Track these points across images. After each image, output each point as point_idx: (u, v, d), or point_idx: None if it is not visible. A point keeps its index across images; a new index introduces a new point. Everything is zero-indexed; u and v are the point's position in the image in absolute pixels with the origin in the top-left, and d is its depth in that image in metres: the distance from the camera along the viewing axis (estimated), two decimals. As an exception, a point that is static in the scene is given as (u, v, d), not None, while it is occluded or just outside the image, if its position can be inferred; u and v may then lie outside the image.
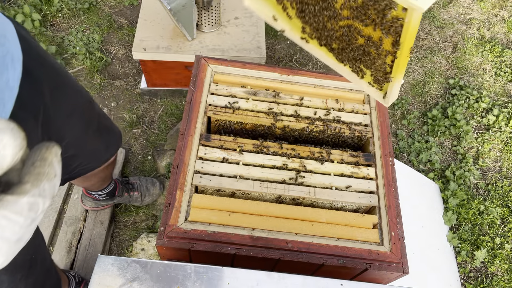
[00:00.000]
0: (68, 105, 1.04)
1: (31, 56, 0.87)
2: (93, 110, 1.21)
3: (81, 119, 1.13)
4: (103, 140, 1.30)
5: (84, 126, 1.16)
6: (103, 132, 1.29)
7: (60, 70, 1.03)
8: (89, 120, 1.18)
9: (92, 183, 1.61)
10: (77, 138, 1.13)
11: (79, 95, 1.11)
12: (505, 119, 2.53)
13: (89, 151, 1.26)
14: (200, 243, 1.08)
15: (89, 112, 1.18)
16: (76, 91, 1.09)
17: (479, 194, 2.28)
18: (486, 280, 2.02)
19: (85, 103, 1.15)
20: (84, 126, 1.16)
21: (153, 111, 2.37)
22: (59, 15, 2.68)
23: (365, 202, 1.22)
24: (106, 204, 1.89)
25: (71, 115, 1.06)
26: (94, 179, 1.56)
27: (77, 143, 1.15)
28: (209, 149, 1.25)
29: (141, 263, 0.99)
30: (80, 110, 1.12)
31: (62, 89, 1.01)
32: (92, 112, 1.21)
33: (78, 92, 1.11)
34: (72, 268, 1.81)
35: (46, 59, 0.96)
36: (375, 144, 1.35)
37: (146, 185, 1.97)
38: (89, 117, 1.18)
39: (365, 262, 1.11)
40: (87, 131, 1.18)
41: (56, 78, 0.99)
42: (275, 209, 1.17)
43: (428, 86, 2.67)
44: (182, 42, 2.08)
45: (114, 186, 1.81)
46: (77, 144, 1.15)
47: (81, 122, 1.13)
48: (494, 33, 3.01)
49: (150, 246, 1.88)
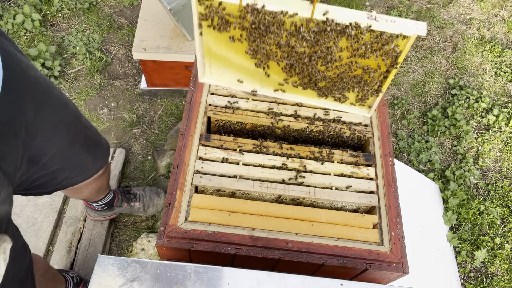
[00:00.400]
0: (52, 119, 1.02)
1: (14, 72, 0.86)
2: (79, 124, 1.20)
3: (66, 133, 1.11)
4: (90, 153, 1.29)
5: (69, 140, 1.14)
6: (90, 145, 1.28)
7: (45, 84, 1.01)
8: (74, 134, 1.16)
9: (85, 195, 1.60)
10: (62, 152, 1.12)
11: (64, 109, 1.09)
12: (505, 119, 2.53)
13: (76, 165, 1.25)
14: (200, 243, 1.08)
15: (75, 126, 1.16)
16: (61, 105, 1.07)
17: (479, 194, 2.28)
18: (486, 280, 2.02)
19: (71, 117, 1.14)
20: (69, 140, 1.14)
21: (153, 111, 2.37)
22: (59, 15, 2.68)
23: (365, 202, 1.22)
24: (108, 215, 1.88)
25: (55, 129, 1.05)
26: (85, 191, 1.54)
27: (62, 157, 1.13)
28: (209, 149, 1.25)
29: (141, 263, 0.99)
30: (66, 124, 1.10)
31: (47, 104, 0.99)
32: (78, 125, 1.19)
33: (64, 106, 1.09)
34: (72, 268, 1.81)
35: (29, 74, 0.93)
36: (375, 144, 1.35)
37: (150, 195, 1.94)
38: (75, 131, 1.17)
39: (365, 262, 1.11)
40: (73, 145, 1.17)
41: (41, 93, 0.97)
42: (275, 209, 1.17)
43: (428, 86, 2.68)
44: (182, 42, 2.08)
45: (113, 196, 1.80)
46: (62, 158, 1.14)
47: (66, 136, 1.11)
48: (494, 33, 3.01)
49: (150, 246, 1.88)
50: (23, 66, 0.91)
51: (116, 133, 2.27)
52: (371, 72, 0.98)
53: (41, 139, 0.99)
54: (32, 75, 0.95)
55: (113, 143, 2.24)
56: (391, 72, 0.97)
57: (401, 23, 0.88)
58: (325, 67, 0.99)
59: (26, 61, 0.97)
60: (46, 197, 1.95)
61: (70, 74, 2.45)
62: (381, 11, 3.01)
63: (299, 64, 1.01)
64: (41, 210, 1.92)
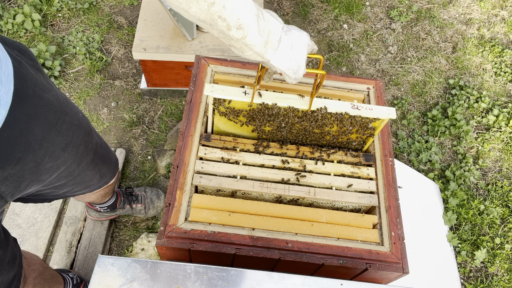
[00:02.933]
0: (62, 141, 1.00)
1: (25, 96, 0.84)
2: (90, 142, 1.17)
3: (75, 152, 1.09)
4: (97, 170, 1.27)
5: (78, 159, 1.12)
6: (97, 162, 1.25)
7: (58, 106, 0.98)
8: (84, 152, 1.14)
9: (90, 200, 1.61)
10: (69, 169, 1.10)
11: (75, 130, 1.06)
12: (505, 119, 2.53)
13: (81, 181, 1.23)
14: (200, 243, 1.08)
15: (85, 145, 1.14)
16: (73, 126, 1.04)
17: (479, 194, 2.28)
18: (486, 280, 2.02)
19: (82, 136, 1.11)
20: (78, 159, 1.12)
21: (153, 111, 2.37)
22: (59, 15, 2.68)
23: (365, 202, 1.22)
24: (109, 215, 1.89)
25: (64, 150, 1.02)
26: (92, 197, 1.55)
27: (68, 174, 1.12)
28: (209, 149, 1.25)
29: (141, 263, 0.99)
30: (76, 144, 1.07)
31: (58, 127, 0.97)
32: (89, 144, 1.16)
33: (75, 127, 1.06)
34: (72, 268, 1.81)
35: (42, 97, 0.91)
36: (375, 144, 1.35)
37: (151, 197, 1.95)
38: (85, 149, 1.14)
39: (365, 262, 1.11)
40: (81, 164, 1.15)
41: (51, 116, 0.94)
42: (275, 209, 1.17)
43: (428, 86, 2.67)
44: (182, 42, 2.08)
45: (116, 199, 1.81)
46: (68, 175, 1.12)
47: (75, 155, 1.09)
48: (494, 33, 3.01)
49: (150, 246, 1.88)
50: (37, 89, 0.89)
51: (116, 133, 2.27)
52: (352, 141, 1.33)
53: (48, 159, 0.96)
54: (46, 97, 0.92)
55: (113, 143, 2.24)
56: (369, 140, 1.32)
57: (377, 110, 1.21)
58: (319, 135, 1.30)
59: (44, 82, 0.94)
60: (46, 197, 1.95)
61: (70, 74, 2.45)
62: (381, 11, 3.01)
63: (294, 134, 1.31)
64: (41, 210, 1.92)
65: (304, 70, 0.96)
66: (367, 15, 2.98)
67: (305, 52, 0.93)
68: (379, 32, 2.90)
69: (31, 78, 0.88)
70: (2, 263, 1.04)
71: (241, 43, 0.82)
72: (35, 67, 0.96)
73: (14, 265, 1.11)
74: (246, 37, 0.81)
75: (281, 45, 0.87)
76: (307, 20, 2.91)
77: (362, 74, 2.69)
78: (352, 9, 2.96)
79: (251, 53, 0.86)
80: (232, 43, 0.83)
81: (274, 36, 0.86)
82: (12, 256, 1.09)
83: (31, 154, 0.89)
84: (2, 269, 1.04)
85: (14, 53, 0.88)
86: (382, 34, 2.90)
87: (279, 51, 0.88)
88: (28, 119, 0.86)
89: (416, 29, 2.94)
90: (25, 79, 0.85)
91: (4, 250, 1.05)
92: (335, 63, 2.71)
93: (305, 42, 0.92)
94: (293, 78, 0.96)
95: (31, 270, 1.28)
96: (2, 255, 1.04)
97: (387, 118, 1.19)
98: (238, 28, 0.80)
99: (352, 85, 1.46)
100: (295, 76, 0.95)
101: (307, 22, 2.90)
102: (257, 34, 0.82)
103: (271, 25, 0.85)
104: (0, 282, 1.05)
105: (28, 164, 0.89)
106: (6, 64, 0.80)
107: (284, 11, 2.94)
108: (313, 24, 2.89)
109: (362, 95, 1.47)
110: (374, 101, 1.44)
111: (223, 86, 1.16)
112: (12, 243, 1.12)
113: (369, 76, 2.69)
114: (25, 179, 0.91)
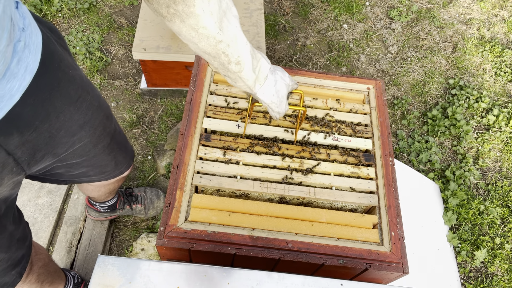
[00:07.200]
0: (80, 118, 1.04)
1: (49, 68, 0.90)
2: (108, 127, 1.20)
3: (93, 133, 1.12)
4: (112, 156, 1.28)
5: (94, 140, 1.14)
6: (114, 148, 1.27)
7: (81, 84, 1.03)
8: (101, 134, 1.16)
9: (100, 194, 1.61)
10: (85, 149, 1.13)
11: (95, 111, 1.10)
12: (505, 119, 2.53)
13: (96, 164, 1.24)
14: (200, 243, 1.08)
15: (103, 128, 1.16)
16: (93, 106, 1.08)
17: (479, 194, 2.28)
18: (486, 280, 2.02)
19: (101, 118, 1.14)
20: (94, 140, 1.14)
21: (153, 111, 2.37)
22: (59, 15, 2.68)
23: (365, 202, 1.22)
24: (109, 216, 1.89)
25: (81, 128, 1.06)
26: (98, 191, 1.55)
27: (84, 153, 1.14)
28: (209, 149, 1.25)
29: (141, 263, 0.99)
30: (94, 124, 1.11)
31: (78, 104, 1.01)
32: (107, 128, 1.19)
33: (96, 108, 1.10)
34: (72, 268, 1.81)
35: (66, 73, 0.96)
36: (375, 144, 1.35)
37: (151, 198, 1.95)
38: (102, 132, 1.17)
39: (365, 262, 1.11)
40: (97, 145, 1.17)
41: (74, 92, 0.99)
42: (275, 209, 1.17)
43: (428, 86, 2.68)
44: (182, 42, 2.08)
45: (116, 199, 1.81)
46: (83, 154, 1.14)
47: (91, 135, 1.12)
48: (494, 33, 3.01)
49: (150, 246, 1.88)
50: (62, 64, 0.95)
51: (116, 133, 2.27)
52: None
53: (64, 133, 1.01)
54: (70, 74, 0.99)
55: (113, 143, 2.24)
56: None
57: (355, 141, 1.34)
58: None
59: (69, 60, 1.01)
60: (46, 197, 1.95)
61: (70, 74, 2.45)
62: (381, 11, 3.01)
63: None
64: (41, 210, 1.92)
65: (286, 107, 1.13)
66: (367, 15, 2.98)
67: (286, 89, 1.10)
68: (379, 32, 2.90)
69: (57, 54, 0.94)
70: (12, 239, 1.05)
71: (237, 75, 0.98)
72: (63, 46, 1.02)
73: (24, 245, 1.12)
74: (242, 71, 0.97)
75: (266, 81, 1.04)
76: (307, 20, 2.91)
77: (362, 74, 2.69)
78: (352, 9, 2.96)
79: (242, 84, 1.01)
80: (229, 74, 0.98)
81: (262, 73, 1.02)
82: (23, 235, 1.11)
83: (47, 124, 0.93)
84: (11, 245, 1.05)
85: (45, 30, 0.93)
86: (382, 34, 2.90)
87: (265, 86, 1.04)
88: (51, 90, 0.91)
89: (416, 29, 2.94)
90: (52, 53, 0.91)
91: (16, 226, 1.07)
92: (335, 63, 2.71)
93: (286, 82, 1.10)
94: (276, 112, 1.12)
95: (37, 258, 1.30)
96: (14, 231, 1.06)
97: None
98: (237, 64, 0.94)
99: (352, 85, 1.46)
100: (278, 110, 1.11)
101: (307, 22, 2.90)
102: (251, 70, 0.98)
103: (261, 64, 1.01)
104: (8, 258, 1.06)
105: (44, 133, 0.94)
106: (36, 35, 0.86)
107: (284, 11, 2.94)
108: (313, 24, 2.89)
109: (362, 95, 1.47)
110: (374, 101, 1.45)
111: (219, 120, 1.31)
112: (25, 222, 1.14)
113: (369, 76, 2.69)
114: (40, 148, 0.95)
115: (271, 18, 2.86)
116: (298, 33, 2.84)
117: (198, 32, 0.85)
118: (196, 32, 0.85)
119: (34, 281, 1.29)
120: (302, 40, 2.80)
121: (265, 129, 1.32)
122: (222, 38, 0.88)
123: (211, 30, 0.85)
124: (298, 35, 2.83)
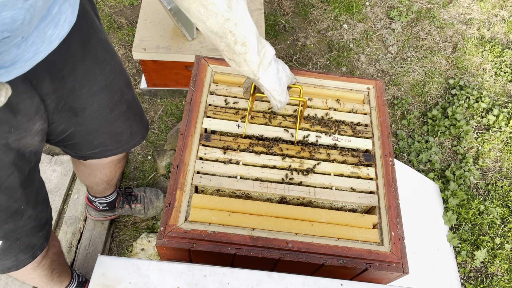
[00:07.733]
0: (102, 79, 1.09)
1: (84, 24, 0.96)
2: (126, 94, 1.23)
3: (111, 96, 1.16)
4: (128, 125, 1.30)
5: (111, 105, 1.17)
6: (130, 116, 1.29)
7: (107, 48, 1.09)
8: (119, 100, 1.19)
9: (96, 181, 1.58)
10: (102, 112, 1.16)
11: (117, 75, 1.15)
12: (505, 119, 2.53)
13: (112, 132, 1.26)
14: (200, 243, 1.08)
15: (121, 94, 1.20)
16: (115, 71, 1.13)
17: (479, 194, 2.28)
18: (486, 280, 2.02)
19: (121, 84, 1.18)
20: (111, 105, 1.17)
21: (153, 111, 2.37)
22: (59, 15, 2.68)
23: (365, 202, 1.22)
24: (109, 215, 1.89)
25: (102, 89, 1.10)
26: (99, 176, 1.53)
27: (101, 117, 1.17)
28: (209, 149, 1.25)
29: (141, 263, 0.99)
30: (113, 89, 1.15)
31: (102, 66, 1.07)
32: (125, 95, 1.23)
33: (117, 73, 1.15)
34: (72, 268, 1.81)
35: (96, 32, 1.02)
36: (375, 144, 1.35)
37: (150, 197, 1.95)
38: (120, 98, 1.20)
39: (365, 262, 1.11)
40: (113, 111, 1.20)
41: (100, 52, 1.05)
42: (275, 209, 1.17)
43: (428, 86, 2.68)
44: (182, 42, 2.08)
45: (115, 197, 1.81)
46: (99, 119, 1.17)
47: (110, 98, 1.15)
48: (494, 33, 3.01)
49: (150, 246, 1.88)
50: (93, 25, 1.01)
51: (116, 133, 2.27)
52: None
53: (86, 91, 1.05)
54: (99, 36, 1.04)
55: (113, 143, 2.24)
56: None
57: (355, 141, 1.33)
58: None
59: (99, 25, 1.06)
60: (46, 197, 1.95)
61: (70, 74, 2.45)
62: (381, 11, 3.01)
63: None
64: (41, 210, 1.92)
65: (287, 97, 1.14)
66: (367, 15, 2.98)
67: (286, 80, 1.12)
68: (379, 32, 2.90)
69: (91, 16, 1.01)
70: (39, 196, 1.08)
71: (242, 58, 0.98)
72: (96, 13, 1.07)
73: (47, 209, 1.15)
74: (247, 53, 0.96)
75: (270, 67, 1.05)
76: (307, 20, 2.91)
77: (362, 74, 2.69)
78: (352, 9, 2.96)
79: (247, 68, 1.01)
80: (234, 57, 0.98)
81: (267, 59, 1.03)
82: (46, 197, 1.14)
83: (73, 77, 0.98)
84: (37, 203, 1.08)
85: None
86: (382, 34, 2.90)
87: (268, 72, 1.05)
88: (81, 45, 0.97)
89: (416, 29, 2.94)
90: (86, 13, 0.97)
91: (41, 185, 1.11)
92: (335, 63, 2.71)
93: (287, 73, 1.12)
94: (277, 101, 1.11)
95: (53, 244, 1.31)
96: (40, 188, 1.09)
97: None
98: (243, 44, 0.94)
99: (352, 85, 1.46)
100: (280, 98, 1.11)
101: (307, 22, 2.90)
102: (256, 53, 0.98)
103: (266, 49, 1.02)
104: (36, 216, 1.08)
105: (68, 85, 0.99)
106: None
107: (284, 11, 2.94)
108: (313, 24, 2.89)
109: (362, 95, 1.47)
110: (374, 101, 1.45)
111: (219, 120, 1.31)
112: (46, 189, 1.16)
113: (369, 76, 2.69)
114: (62, 98, 1.00)
115: (271, 18, 2.86)
116: (298, 33, 2.84)
117: (207, 9, 0.86)
118: (205, 8, 0.86)
119: (47, 267, 1.30)
120: (302, 40, 2.80)
121: (265, 129, 1.32)
122: (230, 16, 0.88)
123: (220, 7, 0.86)
124: (298, 35, 2.83)
